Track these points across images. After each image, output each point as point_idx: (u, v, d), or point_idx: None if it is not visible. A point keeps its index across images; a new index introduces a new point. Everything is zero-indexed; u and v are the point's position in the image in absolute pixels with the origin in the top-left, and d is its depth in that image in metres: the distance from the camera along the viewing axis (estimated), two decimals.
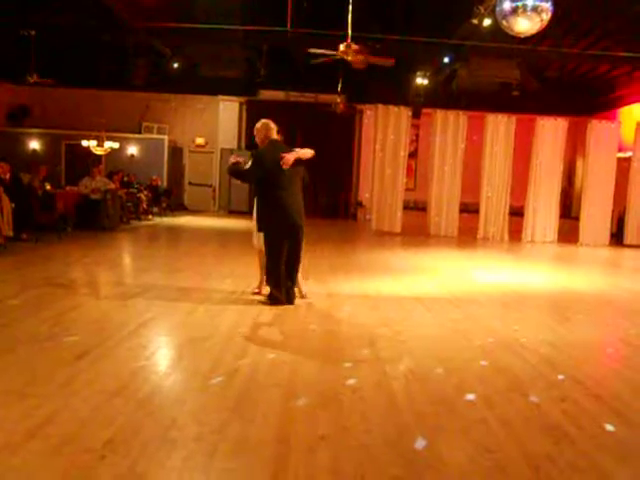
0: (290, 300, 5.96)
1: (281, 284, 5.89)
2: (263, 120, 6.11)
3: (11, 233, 9.01)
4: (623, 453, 3.04)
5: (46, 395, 3.36)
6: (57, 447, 2.75)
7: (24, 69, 13.59)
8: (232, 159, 6.06)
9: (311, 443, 2.95)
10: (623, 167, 14.73)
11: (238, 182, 8.24)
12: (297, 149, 5.99)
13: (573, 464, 2.86)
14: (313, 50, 10.64)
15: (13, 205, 9.18)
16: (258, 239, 6.13)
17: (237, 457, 2.77)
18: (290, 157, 5.74)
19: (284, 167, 5.71)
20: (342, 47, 9.95)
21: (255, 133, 6.10)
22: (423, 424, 3.26)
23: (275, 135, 6.01)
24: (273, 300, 5.90)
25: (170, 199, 17.87)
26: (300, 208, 5.96)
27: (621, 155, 14.94)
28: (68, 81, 16.41)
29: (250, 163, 5.94)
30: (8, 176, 10.22)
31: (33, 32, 12.48)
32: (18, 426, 2.94)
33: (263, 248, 6.01)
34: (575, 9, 11.04)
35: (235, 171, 6.06)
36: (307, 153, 5.98)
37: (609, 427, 3.32)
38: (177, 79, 16.51)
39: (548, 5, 6.01)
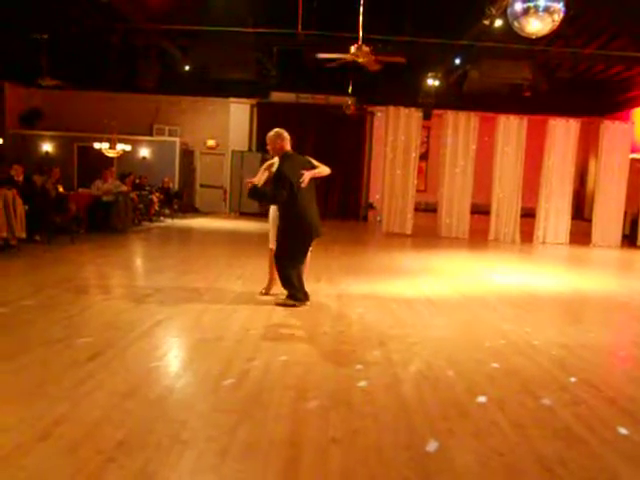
0: (307, 297, 6.11)
1: (299, 285, 6.03)
2: (276, 130, 6.05)
3: (24, 235, 9.07)
4: (636, 456, 3.01)
5: (58, 396, 3.39)
6: (69, 448, 2.77)
7: (36, 72, 13.69)
8: (248, 184, 5.88)
9: (322, 445, 2.95)
10: (636, 168, 14.63)
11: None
12: (314, 161, 6.09)
13: (585, 467, 2.84)
14: (323, 55, 10.63)
15: (26, 207, 9.25)
16: (271, 233, 6.21)
17: (248, 459, 2.77)
18: (307, 177, 5.83)
19: (302, 185, 5.79)
20: (353, 49, 9.94)
21: (267, 142, 6.06)
22: (434, 426, 3.25)
23: (289, 146, 6.00)
24: (295, 300, 5.98)
25: (181, 201, 17.93)
26: (318, 214, 6.11)
27: (634, 156, 14.83)
28: (80, 84, 16.50)
29: (275, 182, 5.81)
30: (21, 178, 10.31)
31: (45, 35, 12.56)
32: (30, 427, 2.96)
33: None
34: (587, 9, 10.97)
35: (260, 195, 6.00)
36: (323, 172, 6.10)
37: (622, 430, 3.29)
38: (188, 81, 16.53)
39: (560, 6, 5.97)
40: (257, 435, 3.02)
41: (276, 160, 6.12)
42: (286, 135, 5.99)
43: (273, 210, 6.26)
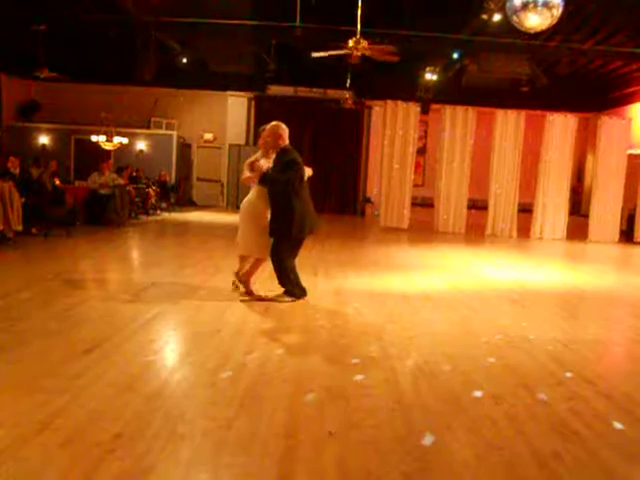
0: (304, 292, 6.04)
1: (295, 281, 5.97)
2: (274, 122, 5.86)
3: (20, 227, 9.06)
4: (632, 452, 3.02)
5: (55, 389, 3.38)
6: (66, 440, 2.77)
7: (34, 64, 13.64)
8: (263, 168, 5.66)
9: (319, 439, 2.95)
10: (634, 164, 14.65)
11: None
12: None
13: (581, 462, 2.85)
14: (317, 54, 10.62)
15: (23, 200, 9.23)
16: (249, 241, 5.90)
17: (245, 452, 2.78)
18: (309, 171, 5.92)
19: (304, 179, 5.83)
20: (351, 43, 9.92)
21: (267, 135, 5.81)
22: (431, 421, 3.26)
23: (287, 140, 5.83)
24: (291, 296, 5.91)
25: (178, 194, 17.90)
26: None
27: (632, 152, 14.85)
28: (77, 76, 16.45)
29: (286, 169, 5.62)
30: (18, 170, 10.28)
31: (43, 27, 12.51)
32: (28, 419, 2.96)
33: (267, 250, 5.83)
34: (586, 4, 10.95)
35: (273, 181, 5.65)
36: (309, 171, 6.06)
37: (617, 425, 3.30)
38: (186, 74, 16.51)
39: (559, 1, 5.98)
40: (254, 428, 3.03)
41: (259, 155, 5.91)
42: (285, 127, 5.84)
43: (253, 206, 5.87)
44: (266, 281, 6.35)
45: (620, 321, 6.46)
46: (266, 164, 5.75)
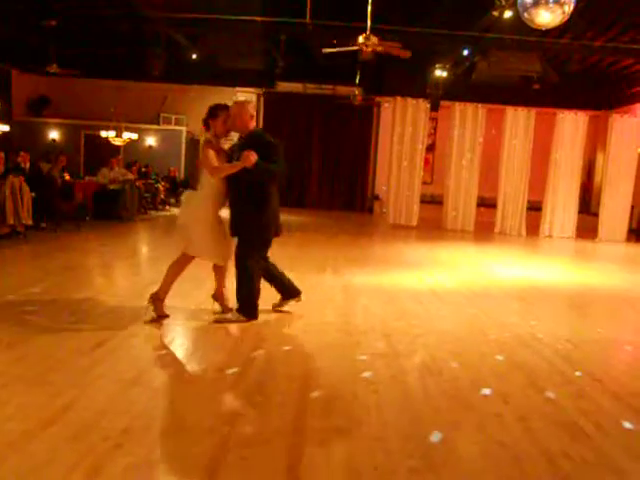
0: (298, 292, 5.35)
1: (256, 297, 5.05)
2: (243, 99, 4.94)
3: (31, 222, 9.10)
4: None
5: (64, 383, 3.40)
6: (74, 435, 2.78)
7: (44, 59, 13.68)
8: (252, 158, 4.63)
9: (326, 435, 2.95)
10: None
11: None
12: None
13: (589, 461, 2.84)
14: (328, 50, 10.59)
15: (33, 194, 9.28)
16: (207, 245, 5.02)
17: (251, 447, 2.78)
18: None
19: None
20: (361, 39, 9.88)
21: (235, 113, 5.06)
22: (438, 418, 3.25)
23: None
24: (249, 317, 4.96)
25: (187, 190, 17.92)
26: None
27: None
28: (87, 72, 16.47)
29: (272, 155, 4.80)
30: (28, 165, 10.33)
31: (53, 22, 12.54)
32: (36, 413, 2.97)
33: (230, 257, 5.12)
34: (598, 1, 10.86)
35: (271, 173, 4.79)
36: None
37: (627, 425, 3.28)
38: (195, 70, 16.51)
39: None
40: (261, 424, 3.03)
41: (209, 138, 5.13)
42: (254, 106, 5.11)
43: (205, 205, 4.98)
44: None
45: (629, 320, 6.42)
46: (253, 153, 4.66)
